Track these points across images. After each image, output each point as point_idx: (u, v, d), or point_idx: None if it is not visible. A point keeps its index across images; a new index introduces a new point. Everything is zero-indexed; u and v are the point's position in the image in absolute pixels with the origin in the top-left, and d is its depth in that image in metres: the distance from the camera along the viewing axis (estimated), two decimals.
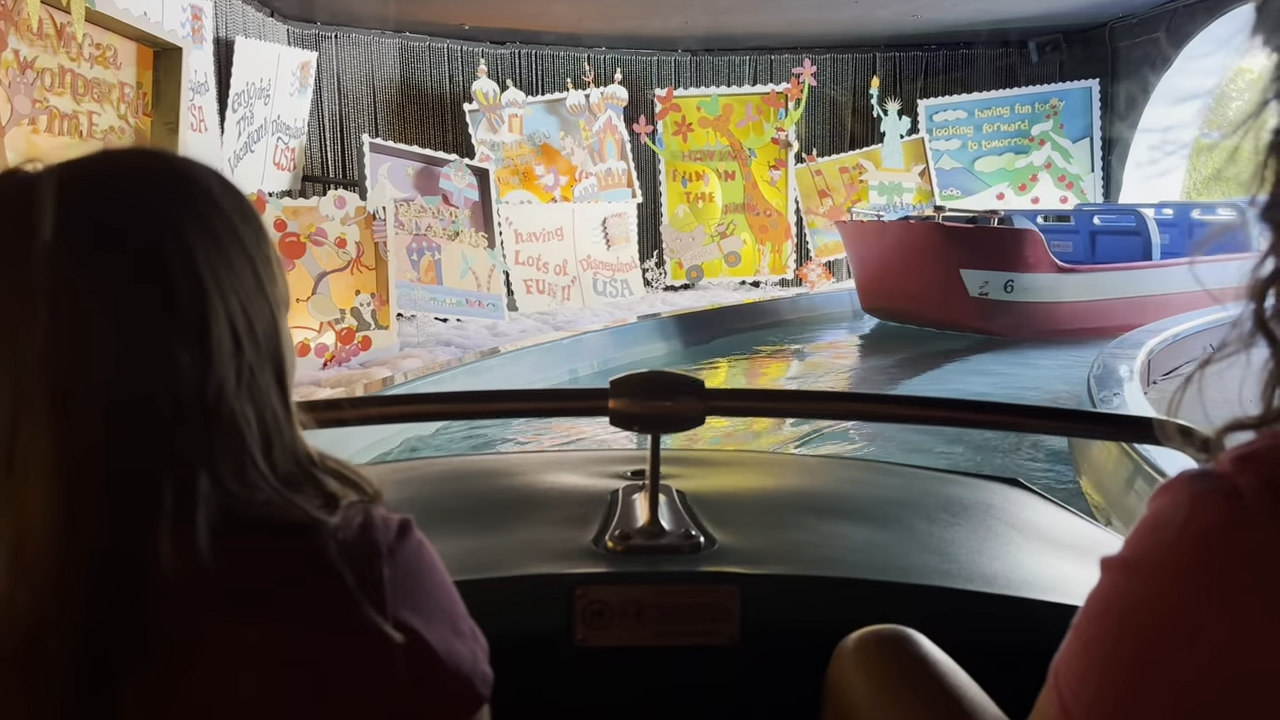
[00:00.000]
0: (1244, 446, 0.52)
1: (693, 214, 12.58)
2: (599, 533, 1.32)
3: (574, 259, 11.43)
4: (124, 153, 0.68)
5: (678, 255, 12.55)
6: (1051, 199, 12.65)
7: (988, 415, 1.63)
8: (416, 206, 9.85)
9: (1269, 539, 0.48)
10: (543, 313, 10.80)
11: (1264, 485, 0.49)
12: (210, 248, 0.65)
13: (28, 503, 0.59)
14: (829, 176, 12.81)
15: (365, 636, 0.64)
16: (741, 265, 12.67)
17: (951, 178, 12.92)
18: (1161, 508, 0.53)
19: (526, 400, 2.13)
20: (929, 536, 1.37)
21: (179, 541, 0.61)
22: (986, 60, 13.28)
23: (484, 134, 11.23)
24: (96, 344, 0.61)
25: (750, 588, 1.19)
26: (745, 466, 1.85)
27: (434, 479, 1.66)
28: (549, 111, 11.75)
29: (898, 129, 12.66)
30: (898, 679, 0.96)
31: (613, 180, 11.93)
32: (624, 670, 1.22)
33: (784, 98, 12.52)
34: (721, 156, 12.56)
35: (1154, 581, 0.51)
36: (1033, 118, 12.74)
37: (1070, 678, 0.54)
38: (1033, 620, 1.13)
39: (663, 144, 12.41)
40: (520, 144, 11.46)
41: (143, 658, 0.60)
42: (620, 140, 12.03)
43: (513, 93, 11.39)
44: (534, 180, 11.41)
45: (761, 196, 12.60)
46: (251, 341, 0.67)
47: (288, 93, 9.51)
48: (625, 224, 11.88)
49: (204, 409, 0.64)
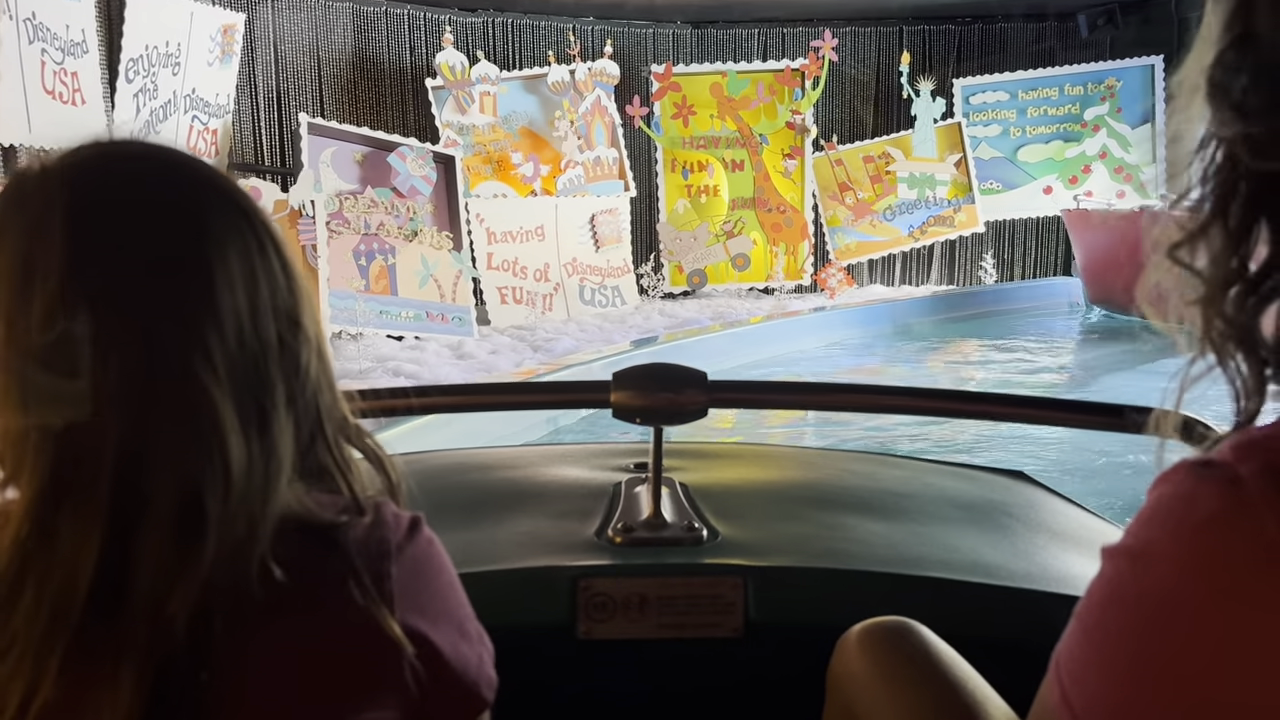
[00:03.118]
0: (1245, 434, 0.52)
1: (695, 210, 10.84)
2: (602, 525, 1.32)
3: (557, 262, 9.79)
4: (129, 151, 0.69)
5: (677, 258, 10.84)
6: (1107, 194, 11.01)
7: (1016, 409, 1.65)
8: (366, 200, 8.18)
9: (1270, 527, 0.47)
10: (519, 327, 9.13)
11: (1265, 473, 0.49)
12: (245, 250, 0.67)
13: (62, 534, 0.61)
14: (851, 167, 11.12)
15: (374, 638, 0.65)
16: (751, 269, 10.98)
17: (991, 169, 11.28)
18: (1162, 496, 0.53)
19: (528, 393, 2.32)
20: (932, 528, 1.38)
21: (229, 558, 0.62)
22: (1030, 34, 11.63)
23: (450, 115, 9.51)
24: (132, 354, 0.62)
25: (753, 580, 1.20)
26: (748, 459, 1.85)
27: (437, 471, 1.65)
28: (527, 90, 10.03)
29: (931, 112, 11.00)
30: (901, 671, 0.95)
31: (602, 170, 10.24)
32: (627, 663, 1.23)
33: (800, 76, 10.82)
34: (728, 143, 10.84)
35: (1156, 570, 0.51)
36: (1085, 100, 11.09)
37: (1072, 666, 0.54)
38: (1036, 612, 1.12)
39: (660, 129, 10.68)
40: (494, 127, 9.75)
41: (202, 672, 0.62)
42: (611, 124, 10.32)
43: (484, 66, 9.67)
44: (510, 170, 9.71)
45: (774, 190, 10.90)
46: (291, 334, 0.69)
47: (205, 62, 7.80)
48: (617, 221, 10.22)
49: (260, 417, 0.66)
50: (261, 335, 0.67)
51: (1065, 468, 4.81)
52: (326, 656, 0.65)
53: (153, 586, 0.61)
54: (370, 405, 1.15)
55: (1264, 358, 0.54)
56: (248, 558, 0.63)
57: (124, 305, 0.63)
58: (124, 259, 0.63)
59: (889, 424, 5.67)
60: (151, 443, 0.62)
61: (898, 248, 11.32)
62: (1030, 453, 5.11)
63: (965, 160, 11.13)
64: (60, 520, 0.61)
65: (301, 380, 0.69)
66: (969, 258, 11.82)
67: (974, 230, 11.24)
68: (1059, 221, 11.57)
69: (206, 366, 0.63)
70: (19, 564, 0.61)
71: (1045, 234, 11.79)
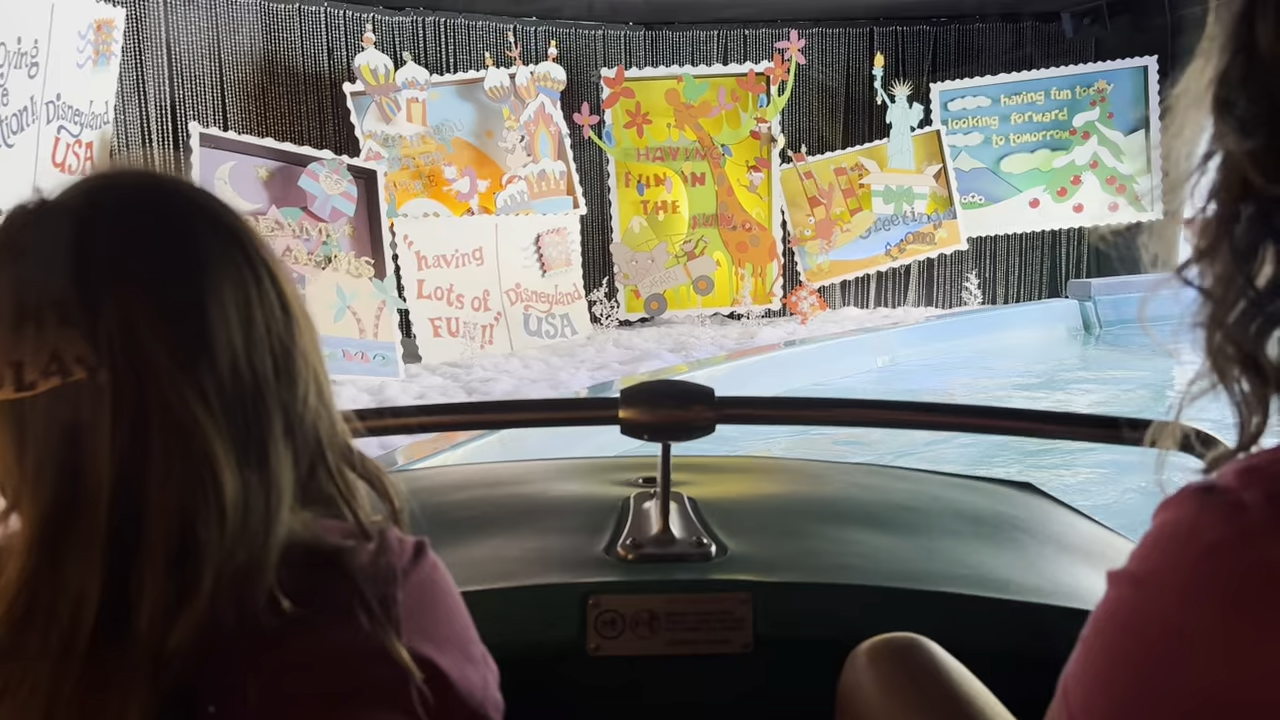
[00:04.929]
0: (1249, 459, 0.52)
1: (652, 229, 9.78)
2: (611, 541, 1.33)
3: (498, 289, 8.73)
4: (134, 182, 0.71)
5: (633, 281, 9.77)
6: (1099, 207, 10.14)
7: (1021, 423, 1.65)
8: (269, 222, 7.06)
9: (1274, 554, 0.48)
10: (454, 364, 8.03)
11: (1268, 499, 0.49)
12: (241, 283, 0.68)
13: (68, 567, 0.62)
14: (821, 179, 10.15)
15: (381, 664, 0.66)
16: (715, 293, 9.94)
17: (972, 180, 10.34)
18: (1167, 522, 0.53)
19: (536, 410, 2.17)
20: (941, 542, 1.38)
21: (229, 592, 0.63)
22: (1012, 35, 10.76)
23: (373, 124, 8.40)
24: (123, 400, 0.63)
25: (762, 595, 1.21)
26: (756, 472, 1.86)
27: (446, 488, 1.67)
28: (462, 96, 8.94)
29: (907, 119, 10.05)
30: (910, 687, 0.95)
31: (548, 186, 9.17)
32: (637, 679, 1.23)
33: (765, 80, 9.84)
34: (687, 155, 9.81)
35: (1161, 597, 0.51)
36: (1073, 105, 10.19)
37: (1079, 692, 0.54)
38: (1047, 627, 1.11)
39: (612, 139, 9.63)
40: (424, 138, 8.65)
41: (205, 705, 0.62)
42: (557, 134, 9.26)
43: (412, 70, 8.56)
44: (443, 186, 8.61)
45: (738, 205, 9.88)
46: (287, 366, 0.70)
47: (74, 63, 6.62)
48: (565, 242, 9.16)
49: (258, 449, 0.66)
50: (256, 368, 0.68)
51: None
52: (334, 684, 0.65)
53: (152, 619, 0.62)
54: (372, 425, 1.20)
55: (1268, 379, 0.54)
56: (252, 588, 0.64)
57: (119, 342, 0.63)
58: (121, 295, 0.64)
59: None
60: (145, 477, 0.63)
61: (874, 267, 10.36)
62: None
63: (945, 171, 10.20)
64: (65, 552, 0.62)
65: (300, 410, 0.70)
66: (950, 277, 10.88)
67: (956, 248, 10.31)
68: (1046, 237, 10.70)
69: (200, 401, 0.64)
70: (27, 598, 0.62)
71: (1030, 251, 10.88)
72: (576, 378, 7.31)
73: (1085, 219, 10.20)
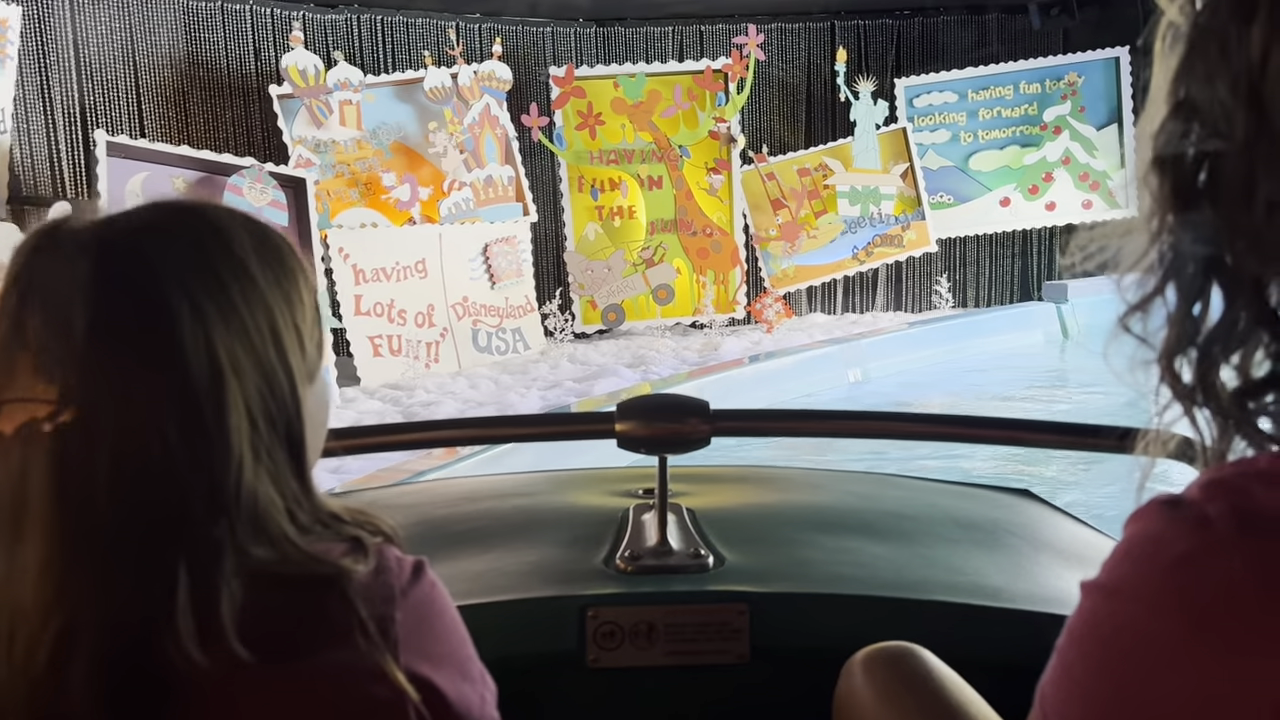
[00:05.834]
0: (1213, 471, 0.52)
1: (608, 235, 9.27)
2: (609, 553, 1.34)
3: (444, 303, 8.18)
4: (154, 215, 0.70)
5: (589, 292, 9.25)
6: (1072, 203, 9.76)
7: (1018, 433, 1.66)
8: None
9: (1237, 568, 0.48)
10: (396, 386, 7.47)
11: (1232, 513, 0.49)
12: (231, 323, 0.67)
13: (27, 583, 0.61)
14: (784, 181, 9.69)
15: (379, 685, 0.66)
16: (676, 302, 9.44)
17: (941, 179, 9.94)
18: (1135, 534, 0.53)
19: (532, 425, 2.17)
20: (937, 550, 1.39)
21: (203, 616, 0.62)
22: (977, 27, 10.36)
23: (303, 129, 7.82)
24: (105, 427, 0.63)
25: (759, 606, 1.22)
26: (753, 482, 1.88)
27: (444, 500, 1.69)
28: (400, 98, 8.39)
29: (872, 117, 9.62)
30: (905, 695, 0.95)
31: (496, 192, 8.64)
32: (636, 691, 1.24)
33: (723, 78, 9.37)
34: (644, 157, 9.31)
35: (1130, 609, 0.51)
36: (1043, 99, 9.83)
37: (1055, 701, 0.54)
38: (1043, 635, 0.89)
39: (563, 142, 9.11)
40: (359, 143, 8.08)
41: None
42: (504, 137, 8.73)
43: (344, 70, 7.99)
44: (381, 194, 8.05)
45: (698, 210, 9.39)
46: (267, 420, 0.68)
47: None
48: (515, 252, 8.63)
49: (222, 490, 0.65)
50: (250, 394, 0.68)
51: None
52: (331, 705, 0.65)
53: (139, 636, 0.62)
54: (370, 442, 1.26)
55: (1224, 409, 0.54)
56: (241, 609, 0.63)
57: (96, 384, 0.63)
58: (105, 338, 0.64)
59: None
60: (138, 499, 0.63)
61: (841, 272, 9.92)
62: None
63: (912, 171, 9.79)
64: (75, 565, 0.62)
65: (294, 430, 0.70)
66: (919, 281, 10.46)
67: (925, 250, 9.90)
68: (1018, 237, 10.32)
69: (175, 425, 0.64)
70: (43, 609, 0.62)
71: (1001, 252, 10.49)
72: (526, 399, 6.77)
73: (1058, 217, 9.83)
